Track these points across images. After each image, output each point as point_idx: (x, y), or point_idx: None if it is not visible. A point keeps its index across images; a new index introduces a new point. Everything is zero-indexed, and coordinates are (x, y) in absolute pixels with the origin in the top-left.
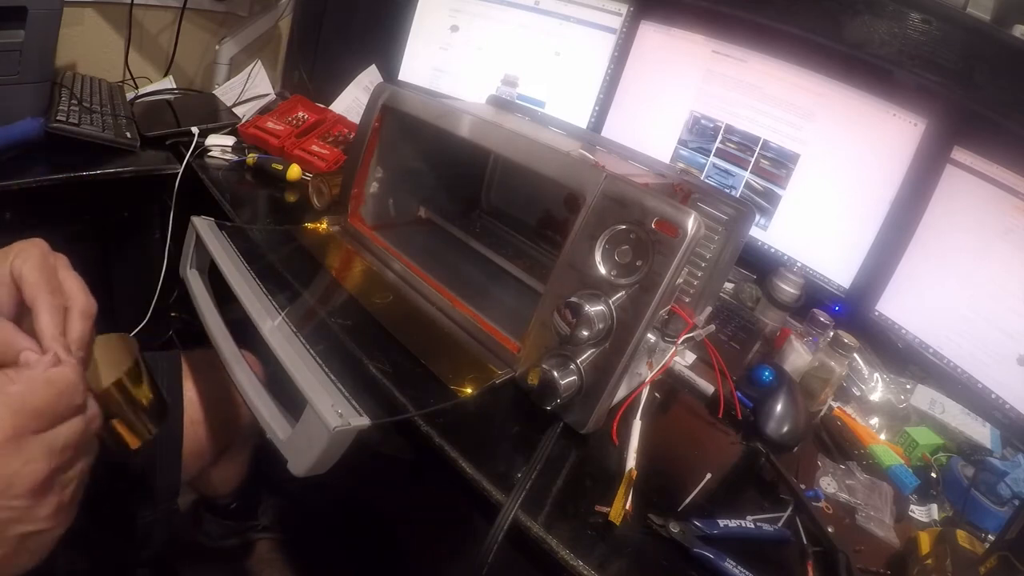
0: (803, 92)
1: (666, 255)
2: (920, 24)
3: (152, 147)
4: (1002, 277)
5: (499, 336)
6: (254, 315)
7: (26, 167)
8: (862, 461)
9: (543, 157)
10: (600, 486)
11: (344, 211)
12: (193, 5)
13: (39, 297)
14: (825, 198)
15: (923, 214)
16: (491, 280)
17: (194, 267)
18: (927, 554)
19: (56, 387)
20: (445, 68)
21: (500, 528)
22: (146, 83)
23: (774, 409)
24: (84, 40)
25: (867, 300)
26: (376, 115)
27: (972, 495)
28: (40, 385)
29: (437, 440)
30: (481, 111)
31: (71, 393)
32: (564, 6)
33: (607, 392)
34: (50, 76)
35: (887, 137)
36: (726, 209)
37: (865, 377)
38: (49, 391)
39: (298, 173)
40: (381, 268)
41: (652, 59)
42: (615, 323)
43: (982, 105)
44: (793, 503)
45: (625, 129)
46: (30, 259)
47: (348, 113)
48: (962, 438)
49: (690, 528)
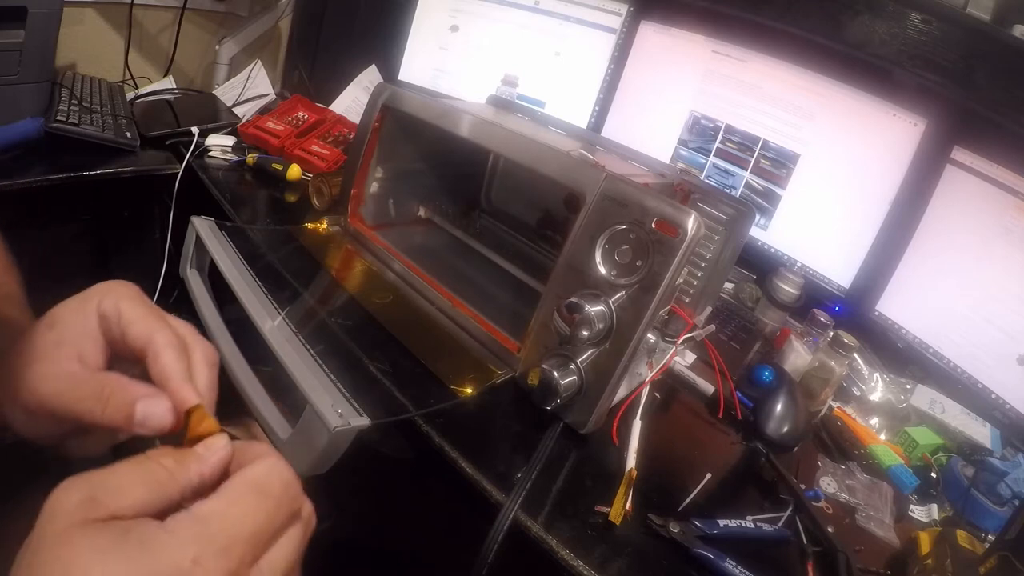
0: (803, 92)
1: (666, 255)
2: (920, 24)
3: (152, 147)
4: (1002, 277)
5: (499, 336)
6: (254, 315)
7: (26, 167)
8: (862, 461)
9: (543, 157)
10: (600, 486)
11: (344, 211)
12: (193, 5)
13: (156, 334)
14: (825, 198)
15: (923, 214)
16: (491, 280)
17: (194, 267)
18: (927, 554)
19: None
20: (445, 68)
21: (500, 528)
22: (146, 83)
23: (774, 409)
24: (84, 40)
25: (867, 300)
26: (376, 115)
27: (972, 495)
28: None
29: (437, 440)
30: (481, 111)
31: (292, 496)
32: (564, 6)
33: (607, 392)
34: (50, 76)
35: (887, 137)
36: (726, 209)
37: (865, 377)
38: (264, 504)
39: (298, 173)
40: (381, 268)
41: (652, 59)
42: (615, 323)
43: (982, 105)
44: (793, 503)
45: (625, 129)
46: (127, 296)
47: (348, 113)
48: (962, 438)
49: (690, 528)
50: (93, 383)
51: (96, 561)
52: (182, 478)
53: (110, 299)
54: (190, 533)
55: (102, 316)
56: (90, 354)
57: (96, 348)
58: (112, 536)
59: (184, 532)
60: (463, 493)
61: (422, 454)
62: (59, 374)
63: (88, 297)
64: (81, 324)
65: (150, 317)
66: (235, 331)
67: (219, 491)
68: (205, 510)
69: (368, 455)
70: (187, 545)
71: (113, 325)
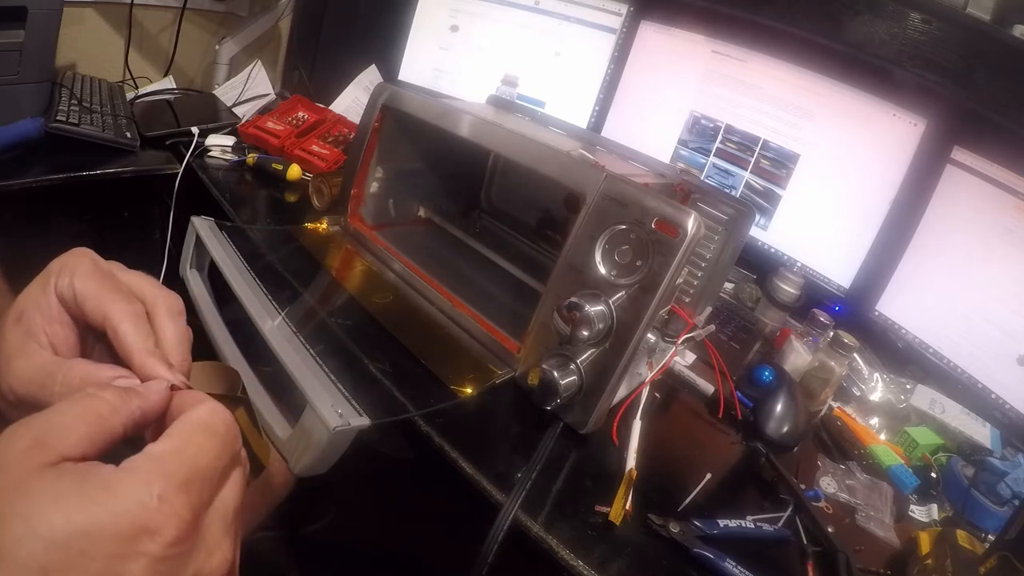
0: (803, 92)
1: (666, 255)
2: (920, 24)
3: (152, 147)
4: (1002, 277)
5: (499, 336)
6: (254, 315)
7: (26, 167)
8: (862, 461)
9: (543, 157)
10: (600, 486)
11: (344, 211)
12: (193, 5)
13: (110, 308)
14: (825, 198)
15: (923, 214)
16: (491, 280)
17: (194, 267)
18: (927, 554)
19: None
20: (445, 68)
21: (500, 528)
22: (146, 83)
23: (774, 409)
24: (84, 40)
25: (867, 300)
26: (376, 115)
27: (972, 495)
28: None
29: (437, 440)
30: (481, 111)
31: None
32: (564, 6)
33: (607, 392)
34: (50, 76)
35: (887, 137)
36: (726, 209)
37: (865, 377)
38: (212, 441)
39: (298, 173)
40: (381, 268)
41: (652, 59)
42: (615, 323)
43: (982, 105)
44: (793, 503)
45: (625, 129)
46: (79, 271)
47: (348, 113)
48: (962, 438)
49: (690, 528)
50: (63, 373)
51: (59, 509)
52: (124, 411)
53: (64, 278)
54: (148, 471)
55: (60, 298)
56: (61, 340)
57: (66, 331)
58: (70, 481)
59: (143, 471)
60: (463, 493)
61: (422, 454)
62: (33, 367)
63: (46, 280)
64: (45, 310)
65: (102, 291)
66: (235, 331)
67: (168, 432)
68: (159, 449)
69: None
70: (148, 483)
71: (72, 306)
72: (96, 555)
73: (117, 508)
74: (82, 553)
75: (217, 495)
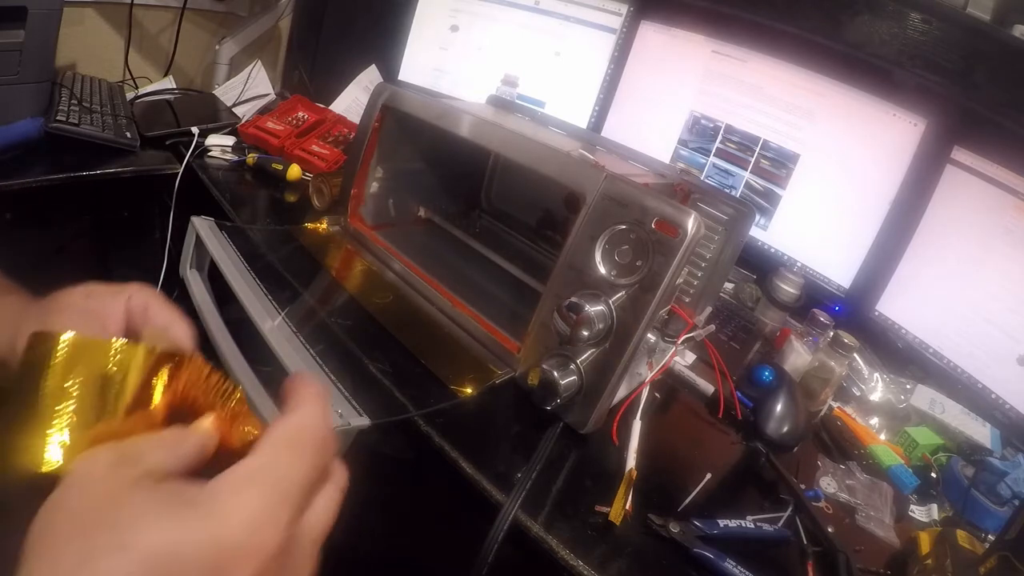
0: (803, 92)
1: (666, 255)
2: (920, 24)
3: (152, 147)
4: (1002, 277)
5: (499, 336)
6: (254, 315)
7: (26, 167)
8: (862, 461)
9: (543, 157)
10: (600, 486)
11: (344, 211)
12: (193, 5)
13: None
14: (825, 198)
15: (923, 214)
16: (491, 280)
17: (194, 267)
18: (927, 554)
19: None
20: (445, 68)
21: (500, 528)
22: (146, 83)
23: (774, 409)
24: (84, 40)
25: (867, 300)
26: (376, 115)
27: (972, 495)
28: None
29: (437, 440)
30: (481, 111)
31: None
32: (564, 6)
33: (607, 392)
34: (50, 76)
35: (887, 137)
36: (726, 209)
37: (865, 377)
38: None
39: (298, 173)
40: (381, 268)
41: (652, 59)
42: (615, 323)
43: (982, 105)
44: (793, 503)
45: (625, 129)
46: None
47: (348, 113)
48: (962, 438)
49: (690, 528)
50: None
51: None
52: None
53: (140, 297)
54: (241, 489)
55: (128, 310)
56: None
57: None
58: (162, 497)
59: (236, 488)
60: (463, 493)
61: (422, 454)
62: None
63: (121, 289)
64: (112, 306)
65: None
66: (235, 331)
67: (257, 449)
68: (249, 467)
69: (368, 455)
70: (242, 501)
71: (137, 319)
72: (198, 570)
73: (212, 526)
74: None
75: (307, 511)
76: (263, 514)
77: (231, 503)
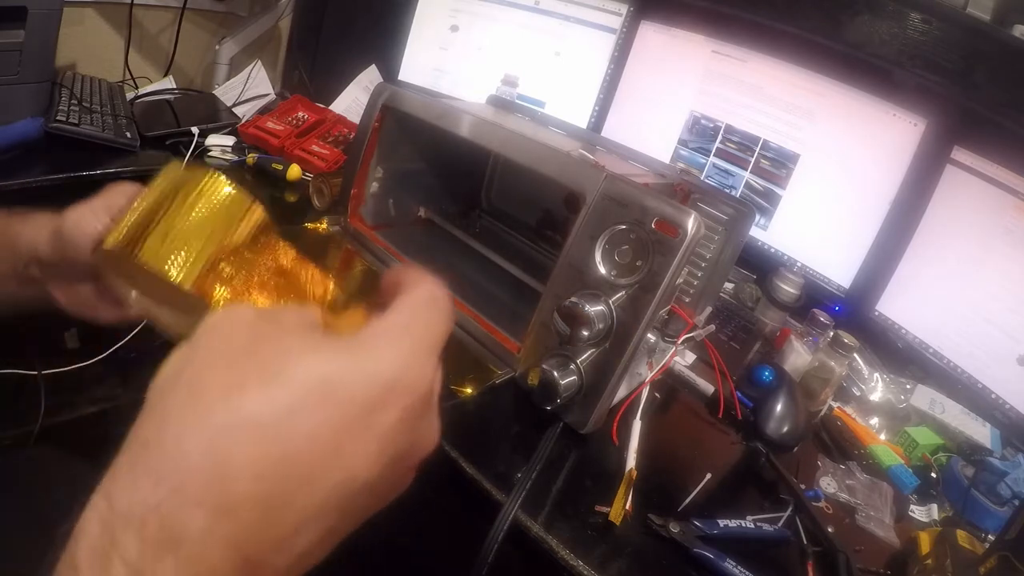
0: (803, 92)
1: (666, 255)
2: (920, 24)
3: (152, 147)
4: (1002, 277)
5: (499, 336)
6: None
7: (26, 167)
8: (862, 461)
9: (543, 157)
10: (600, 486)
11: (344, 211)
12: (193, 5)
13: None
14: (825, 198)
15: (923, 214)
16: (491, 280)
17: None
18: (927, 554)
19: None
20: (445, 68)
21: (500, 528)
22: (146, 83)
23: (774, 409)
24: (84, 40)
25: (867, 300)
26: (376, 115)
27: (972, 495)
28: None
29: None
30: (481, 111)
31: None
32: (564, 6)
33: (607, 392)
34: (50, 76)
35: (887, 137)
36: (726, 209)
37: (865, 377)
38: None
39: (298, 173)
40: (381, 268)
41: (652, 59)
42: (615, 323)
43: (982, 105)
44: (793, 503)
45: (625, 129)
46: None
47: (348, 113)
48: (962, 438)
49: (690, 528)
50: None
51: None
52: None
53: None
54: (397, 334)
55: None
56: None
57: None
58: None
59: (391, 333)
60: (463, 493)
61: None
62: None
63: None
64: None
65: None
66: None
67: (395, 307)
68: (397, 319)
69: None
70: (401, 342)
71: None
72: (356, 400)
73: (369, 363)
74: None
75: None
76: (414, 358)
77: (384, 346)
